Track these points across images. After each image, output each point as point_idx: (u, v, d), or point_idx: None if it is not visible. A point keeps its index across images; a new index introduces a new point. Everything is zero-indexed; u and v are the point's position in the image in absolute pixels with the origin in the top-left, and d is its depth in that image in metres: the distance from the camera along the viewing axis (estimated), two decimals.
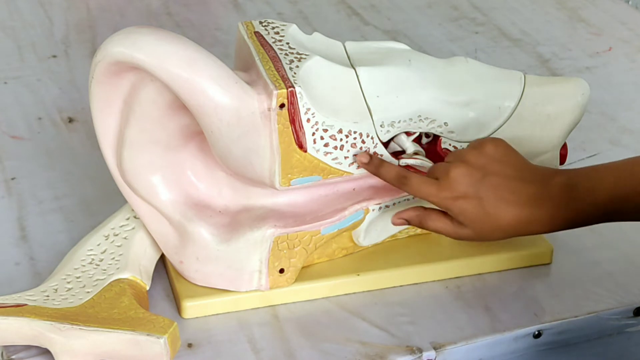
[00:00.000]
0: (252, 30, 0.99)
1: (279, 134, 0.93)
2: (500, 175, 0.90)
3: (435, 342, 0.95)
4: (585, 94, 1.01)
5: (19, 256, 1.04)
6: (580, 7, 1.59)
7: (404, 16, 1.56)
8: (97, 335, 0.89)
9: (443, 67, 0.99)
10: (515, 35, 1.51)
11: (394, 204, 1.00)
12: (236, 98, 0.91)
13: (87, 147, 1.21)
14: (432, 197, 0.91)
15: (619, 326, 1.01)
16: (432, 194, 0.91)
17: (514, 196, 0.89)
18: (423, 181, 0.92)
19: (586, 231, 0.96)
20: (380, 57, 0.99)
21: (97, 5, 1.55)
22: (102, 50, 0.92)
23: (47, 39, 1.46)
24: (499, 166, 0.91)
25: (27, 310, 0.92)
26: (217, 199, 0.99)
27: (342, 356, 0.94)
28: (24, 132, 1.25)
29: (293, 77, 0.93)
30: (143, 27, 0.92)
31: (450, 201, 0.90)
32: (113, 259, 0.98)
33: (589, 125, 1.26)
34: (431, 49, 1.44)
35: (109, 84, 0.94)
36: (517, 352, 0.98)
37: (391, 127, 0.97)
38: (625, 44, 1.49)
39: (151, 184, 0.97)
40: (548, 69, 1.42)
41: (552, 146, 1.00)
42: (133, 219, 1.01)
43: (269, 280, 0.98)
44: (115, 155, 0.97)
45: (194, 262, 0.97)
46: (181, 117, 0.94)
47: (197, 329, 0.96)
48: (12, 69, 1.38)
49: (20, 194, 1.14)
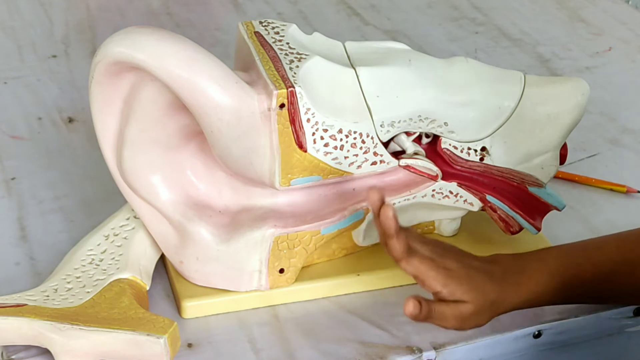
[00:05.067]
0: (252, 30, 0.99)
1: (279, 134, 0.93)
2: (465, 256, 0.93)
3: (435, 342, 0.95)
4: (585, 94, 1.00)
5: (19, 256, 1.05)
6: (580, 7, 1.59)
7: (404, 16, 1.56)
8: (97, 335, 0.89)
9: (443, 67, 0.99)
10: (515, 35, 1.51)
11: (393, 203, 1.00)
12: (236, 98, 0.91)
13: (87, 147, 1.21)
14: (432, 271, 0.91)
15: (619, 326, 1.01)
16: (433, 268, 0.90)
17: (482, 271, 0.91)
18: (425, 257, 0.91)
19: (586, 231, 0.96)
20: (380, 57, 0.98)
21: (97, 5, 1.55)
22: (102, 50, 0.92)
23: (47, 39, 1.46)
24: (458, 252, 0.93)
25: (27, 310, 0.92)
26: (217, 199, 0.99)
27: (342, 356, 0.94)
28: (24, 132, 1.25)
29: (293, 77, 0.93)
30: (143, 27, 0.92)
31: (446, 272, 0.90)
32: (113, 259, 0.98)
33: (589, 125, 1.26)
34: (431, 49, 1.44)
35: (109, 84, 0.94)
36: (517, 352, 0.98)
37: (391, 127, 0.97)
38: (625, 44, 1.49)
39: (151, 184, 0.97)
40: (548, 69, 1.42)
41: (552, 146, 1.00)
42: (133, 219, 1.01)
43: (269, 280, 0.98)
44: (115, 155, 0.97)
45: (194, 262, 0.97)
46: (181, 117, 0.94)
47: (197, 329, 0.96)
48: (12, 69, 1.38)
49: (20, 194, 1.14)
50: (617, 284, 0.94)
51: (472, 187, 1.01)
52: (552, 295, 0.94)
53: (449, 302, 0.90)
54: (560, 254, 0.95)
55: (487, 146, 1.00)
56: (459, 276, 0.90)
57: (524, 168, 1.00)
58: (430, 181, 1.00)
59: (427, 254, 0.91)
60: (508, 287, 0.92)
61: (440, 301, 0.90)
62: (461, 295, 0.90)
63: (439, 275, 0.89)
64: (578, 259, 0.94)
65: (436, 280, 0.89)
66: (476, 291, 0.90)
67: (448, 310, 0.90)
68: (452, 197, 1.01)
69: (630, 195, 1.16)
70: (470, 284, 0.90)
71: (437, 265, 0.90)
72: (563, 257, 0.94)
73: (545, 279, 0.93)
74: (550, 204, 1.02)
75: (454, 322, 0.90)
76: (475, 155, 1.00)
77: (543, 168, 1.01)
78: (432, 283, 0.89)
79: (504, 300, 0.92)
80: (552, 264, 0.93)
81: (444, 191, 1.00)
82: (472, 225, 1.07)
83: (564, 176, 1.17)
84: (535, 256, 0.95)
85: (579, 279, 0.93)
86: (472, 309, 0.90)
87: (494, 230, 1.04)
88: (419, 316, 0.88)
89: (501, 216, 1.01)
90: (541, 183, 1.01)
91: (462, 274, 0.90)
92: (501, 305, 0.92)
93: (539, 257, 0.94)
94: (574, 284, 0.94)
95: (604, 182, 1.17)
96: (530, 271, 0.93)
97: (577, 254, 0.95)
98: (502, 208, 1.01)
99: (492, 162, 1.00)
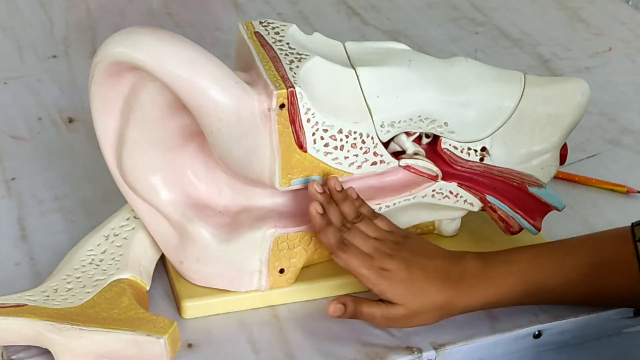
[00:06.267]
0: (252, 30, 0.99)
1: (279, 134, 0.93)
2: (424, 256, 0.94)
3: (435, 342, 0.95)
4: (585, 94, 1.00)
5: (19, 256, 1.04)
6: (580, 7, 1.59)
7: (404, 16, 1.56)
8: (97, 335, 0.89)
9: (443, 67, 0.99)
10: (515, 36, 1.51)
11: (393, 204, 1.00)
12: (236, 98, 0.90)
13: (87, 147, 1.21)
14: (364, 269, 0.93)
15: (619, 326, 1.01)
16: (365, 266, 0.93)
17: (438, 272, 0.93)
18: (359, 253, 0.94)
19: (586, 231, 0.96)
20: (380, 57, 0.98)
21: (97, 5, 1.55)
22: (102, 51, 0.92)
23: (47, 39, 1.46)
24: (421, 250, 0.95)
25: (27, 310, 0.92)
26: (217, 199, 0.99)
27: (342, 356, 0.94)
28: (24, 132, 1.25)
29: (293, 77, 0.93)
30: (143, 28, 0.92)
31: (381, 272, 0.92)
32: (113, 259, 0.98)
33: (589, 125, 1.26)
34: (431, 49, 1.44)
35: (109, 84, 0.94)
36: (517, 352, 0.98)
37: (391, 127, 0.97)
38: (625, 44, 1.49)
39: (151, 184, 0.97)
40: (548, 69, 1.42)
41: (552, 146, 1.00)
42: (133, 219, 1.01)
43: (269, 280, 0.98)
44: (115, 155, 0.97)
45: (194, 262, 0.97)
46: (181, 117, 0.94)
47: (197, 329, 0.96)
48: (12, 69, 1.38)
49: (20, 194, 1.14)
50: (587, 287, 0.94)
51: (472, 187, 1.01)
52: (517, 298, 0.94)
53: (379, 302, 0.93)
54: (528, 257, 0.95)
55: (487, 146, 1.00)
56: (397, 278, 0.92)
57: (524, 168, 1.00)
58: (431, 181, 1.00)
59: (368, 249, 0.93)
60: (465, 290, 0.93)
61: (371, 301, 0.93)
62: (392, 296, 0.92)
63: (371, 274, 0.92)
64: (547, 262, 0.94)
65: (366, 278, 0.93)
66: (413, 295, 0.92)
67: (377, 310, 0.93)
68: (452, 197, 1.01)
69: (630, 196, 1.16)
70: (408, 287, 0.92)
71: (370, 263, 0.93)
72: (531, 260, 0.94)
73: (510, 282, 0.93)
74: (550, 204, 1.01)
75: (384, 322, 0.93)
76: (475, 155, 1.00)
77: (543, 168, 1.01)
78: (362, 280, 0.93)
79: (458, 303, 0.93)
80: (518, 267, 0.94)
81: (444, 191, 1.01)
82: (472, 225, 1.07)
83: (564, 176, 1.18)
84: (502, 258, 0.95)
85: (546, 283, 0.94)
86: (404, 312, 0.92)
87: (494, 230, 1.04)
88: (344, 316, 0.92)
89: (501, 216, 1.01)
90: (541, 183, 1.01)
91: (401, 276, 0.92)
92: (454, 308, 0.93)
93: (506, 259, 0.95)
94: (541, 288, 0.94)
95: (604, 182, 1.17)
96: (494, 274, 0.94)
97: (546, 257, 0.95)
98: (502, 208, 1.01)
99: (492, 162, 1.00)
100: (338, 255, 0.93)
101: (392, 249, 0.94)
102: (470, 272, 0.94)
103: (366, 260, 0.93)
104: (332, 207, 0.95)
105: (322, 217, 0.94)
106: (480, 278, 0.93)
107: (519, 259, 0.95)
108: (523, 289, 0.94)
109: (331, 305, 0.93)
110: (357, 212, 0.96)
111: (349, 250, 0.93)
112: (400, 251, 0.94)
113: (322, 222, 0.94)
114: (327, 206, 0.95)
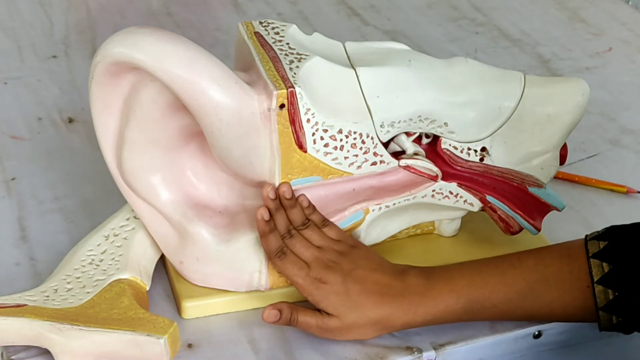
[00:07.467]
0: (252, 30, 0.99)
1: (279, 134, 0.93)
2: (365, 268, 0.94)
3: (435, 342, 0.95)
4: (585, 94, 1.00)
5: (19, 256, 1.05)
6: (580, 8, 1.59)
7: (404, 16, 1.56)
8: (97, 335, 0.89)
9: (443, 68, 0.99)
10: (515, 36, 1.51)
11: (393, 204, 1.00)
12: (236, 98, 0.90)
13: (87, 147, 1.21)
14: (299, 277, 0.93)
15: None
16: (300, 275, 0.93)
17: (376, 286, 0.93)
18: (296, 261, 0.94)
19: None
20: (380, 57, 0.98)
21: (97, 6, 1.55)
22: (102, 51, 0.92)
23: (47, 39, 1.46)
24: (364, 262, 0.95)
25: (27, 310, 0.92)
26: (217, 199, 0.99)
27: (342, 356, 0.94)
28: (24, 132, 1.25)
29: (293, 77, 0.93)
30: (143, 28, 0.92)
31: (316, 283, 0.93)
32: (113, 260, 0.98)
33: (589, 125, 1.26)
34: (431, 49, 1.44)
35: (109, 84, 0.94)
36: (517, 352, 0.98)
37: (391, 128, 0.97)
38: (625, 44, 1.49)
39: (151, 184, 0.97)
40: (548, 69, 1.42)
41: (552, 146, 1.00)
42: (133, 219, 1.01)
43: (269, 280, 0.98)
44: (115, 156, 0.97)
45: (194, 262, 0.97)
46: (181, 117, 0.94)
47: (197, 329, 0.96)
48: (12, 69, 1.38)
49: (20, 194, 1.14)
50: (532, 303, 0.93)
51: (472, 188, 1.01)
52: (458, 315, 0.94)
53: (316, 312, 0.93)
54: (471, 273, 0.94)
55: (487, 146, 1.00)
56: (332, 289, 0.92)
57: (524, 168, 1.00)
58: (430, 181, 1.00)
59: (307, 257, 0.94)
60: (405, 307, 0.93)
61: (308, 310, 0.93)
62: (326, 307, 0.92)
63: (306, 283, 0.93)
64: (489, 279, 0.93)
65: (301, 287, 0.93)
66: (348, 308, 0.92)
67: (313, 320, 0.93)
68: (452, 198, 1.01)
69: (630, 196, 1.16)
70: (343, 299, 0.92)
71: (306, 272, 0.93)
72: (473, 276, 0.94)
73: (451, 300, 0.93)
74: (550, 204, 1.02)
75: (319, 332, 0.93)
76: (475, 155, 1.00)
77: (543, 168, 1.01)
78: (298, 288, 0.94)
79: (397, 319, 0.93)
80: (459, 285, 0.93)
81: (444, 191, 1.01)
82: (472, 225, 1.07)
83: (564, 176, 1.18)
84: (444, 275, 0.94)
85: (489, 299, 0.93)
86: (339, 324, 0.92)
87: (494, 230, 1.04)
88: (278, 323, 0.93)
89: (501, 216, 1.01)
90: (541, 183, 1.01)
91: (337, 288, 0.92)
92: (393, 324, 0.93)
93: (448, 276, 0.94)
94: (483, 304, 0.93)
95: (604, 182, 1.17)
96: (434, 292, 0.93)
97: (489, 273, 0.94)
98: (502, 208, 1.01)
99: (492, 162, 1.00)
100: (274, 262, 0.94)
101: (333, 259, 0.94)
102: (412, 288, 0.93)
103: (302, 269, 0.93)
104: (280, 214, 0.95)
105: (267, 223, 0.94)
106: (421, 295, 0.93)
107: (461, 276, 0.94)
108: (464, 307, 0.93)
109: (266, 310, 0.93)
110: (304, 220, 0.96)
111: (285, 258, 0.93)
112: (341, 262, 0.94)
113: (265, 227, 0.94)
114: (275, 212, 0.94)
